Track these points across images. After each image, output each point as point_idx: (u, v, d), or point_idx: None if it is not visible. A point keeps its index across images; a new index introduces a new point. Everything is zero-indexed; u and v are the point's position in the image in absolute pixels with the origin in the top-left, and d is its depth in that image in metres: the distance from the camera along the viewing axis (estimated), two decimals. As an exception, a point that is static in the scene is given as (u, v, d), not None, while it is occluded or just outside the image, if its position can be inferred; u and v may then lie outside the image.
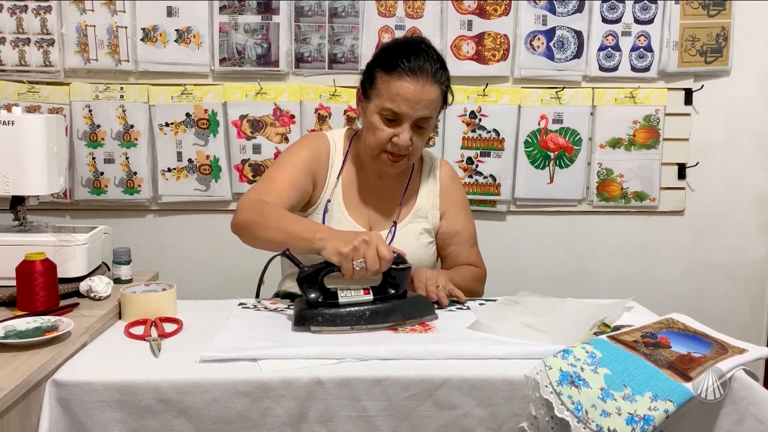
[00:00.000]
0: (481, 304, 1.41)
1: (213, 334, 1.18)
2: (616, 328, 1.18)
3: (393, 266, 1.23)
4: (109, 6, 2.12)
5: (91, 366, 1.06)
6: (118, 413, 1.00)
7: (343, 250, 1.20)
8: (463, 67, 2.19)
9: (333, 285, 1.26)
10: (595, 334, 1.15)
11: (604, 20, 2.20)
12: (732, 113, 2.28)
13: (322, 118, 2.21)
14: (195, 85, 2.17)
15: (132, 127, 2.17)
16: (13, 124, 1.37)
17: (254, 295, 1.46)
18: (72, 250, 1.39)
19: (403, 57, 1.39)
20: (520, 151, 2.25)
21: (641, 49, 2.22)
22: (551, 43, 2.20)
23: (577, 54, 2.21)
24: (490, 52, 2.20)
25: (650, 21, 2.20)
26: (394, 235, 1.54)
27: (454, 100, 1.53)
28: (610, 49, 2.21)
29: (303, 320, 1.22)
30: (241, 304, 1.39)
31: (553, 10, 2.18)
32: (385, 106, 1.41)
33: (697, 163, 2.29)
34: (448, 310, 1.37)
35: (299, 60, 2.18)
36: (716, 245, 2.35)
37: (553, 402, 0.98)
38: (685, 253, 2.36)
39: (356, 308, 1.22)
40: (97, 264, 1.50)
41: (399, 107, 1.40)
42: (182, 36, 2.14)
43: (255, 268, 1.45)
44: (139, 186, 2.20)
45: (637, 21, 2.20)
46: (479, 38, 2.19)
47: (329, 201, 1.53)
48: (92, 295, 1.34)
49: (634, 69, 2.22)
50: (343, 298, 1.24)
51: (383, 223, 1.56)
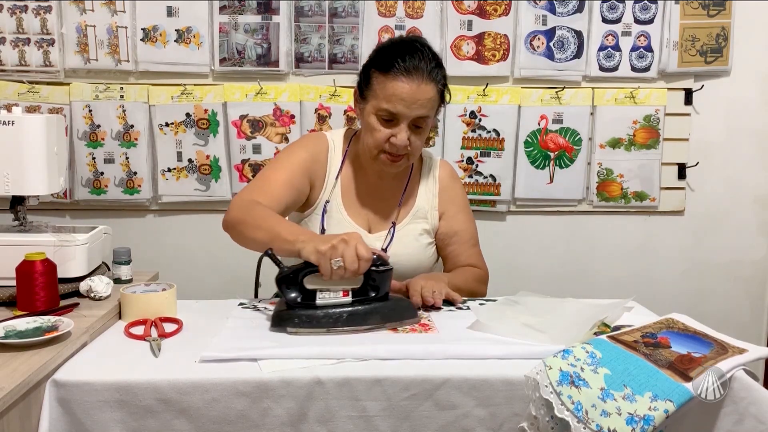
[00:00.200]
0: (481, 304, 1.41)
1: (213, 334, 1.18)
2: (616, 328, 1.18)
3: (373, 268, 1.22)
4: (109, 6, 2.11)
5: (91, 366, 1.06)
6: (118, 413, 1.00)
7: (321, 248, 1.19)
8: (463, 67, 2.19)
9: (315, 286, 1.24)
10: (595, 334, 1.15)
11: (604, 20, 2.20)
12: (732, 113, 2.28)
13: (322, 118, 2.20)
14: (195, 85, 2.17)
15: (132, 127, 2.17)
16: (13, 124, 1.37)
17: (254, 295, 1.46)
18: (72, 250, 1.39)
19: (398, 57, 1.39)
20: (520, 151, 2.24)
21: (641, 49, 2.21)
22: (551, 43, 2.20)
23: (577, 54, 2.20)
24: (490, 52, 2.19)
25: (650, 21, 2.20)
26: (393, 236, 1.53)
27: (451, 99, 1.53)
28: (610, 49, 2.21)
29: (280, 321, 1.21)
30: (240, 304, 1.39)
31: (553, 10, 2.18)
32: (381, 107, 1.41)
33: (697, 163, 2.29)
34: (448, 310, 1.37)
35: (299, 60, 2.17)
36: (716, 245, 2.35)
37: (553, 402, 0.98)
38: (685, 253, 2.36)
39: (333, 310, 1.21)
40: (97, 264, 1.50)
41: (395, 107, 1.40)
42: (182, 36, 2.14)
43: (254, 269, 1.44)
44: (139, 186, 2.20)
45: (637, 21, 2.20)
46: (479, 38, 2.19)
47: (328, 202, 1.53)
48: (92, 295, 1.34)
49: (634, 69, 2.22)
50: (321, 299, 1.22)
51: (382, 224, 1.56)
